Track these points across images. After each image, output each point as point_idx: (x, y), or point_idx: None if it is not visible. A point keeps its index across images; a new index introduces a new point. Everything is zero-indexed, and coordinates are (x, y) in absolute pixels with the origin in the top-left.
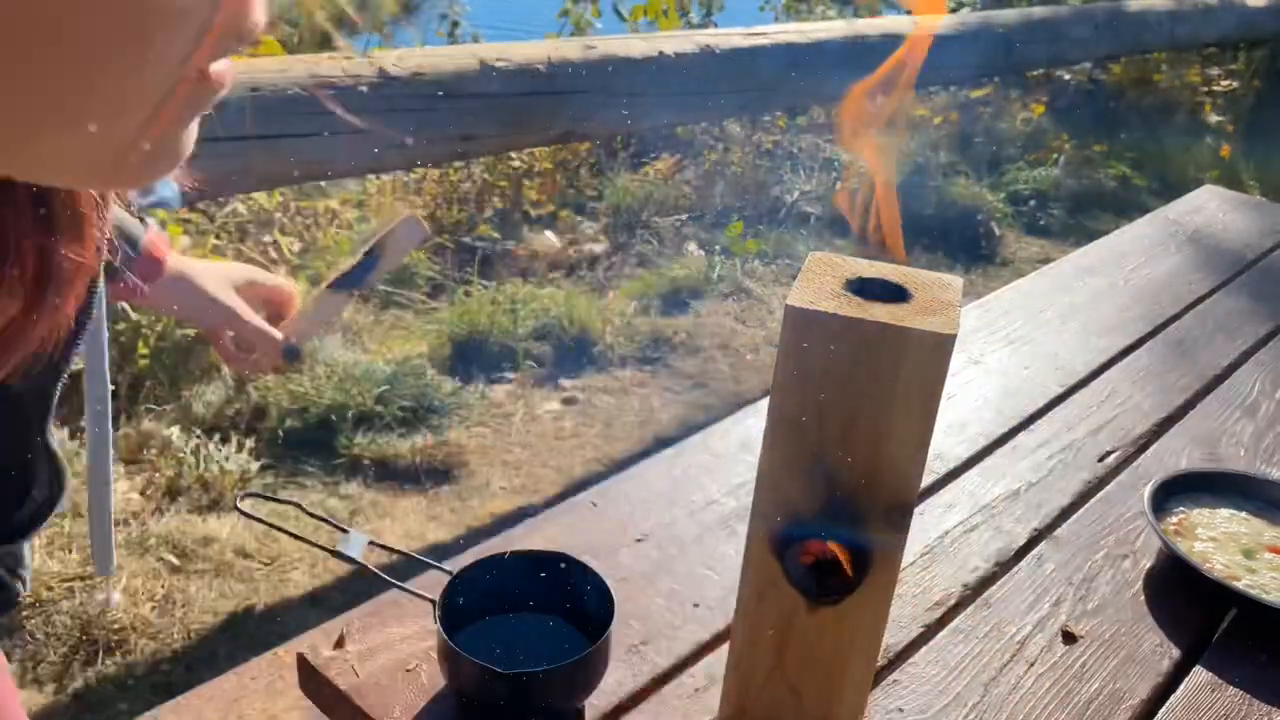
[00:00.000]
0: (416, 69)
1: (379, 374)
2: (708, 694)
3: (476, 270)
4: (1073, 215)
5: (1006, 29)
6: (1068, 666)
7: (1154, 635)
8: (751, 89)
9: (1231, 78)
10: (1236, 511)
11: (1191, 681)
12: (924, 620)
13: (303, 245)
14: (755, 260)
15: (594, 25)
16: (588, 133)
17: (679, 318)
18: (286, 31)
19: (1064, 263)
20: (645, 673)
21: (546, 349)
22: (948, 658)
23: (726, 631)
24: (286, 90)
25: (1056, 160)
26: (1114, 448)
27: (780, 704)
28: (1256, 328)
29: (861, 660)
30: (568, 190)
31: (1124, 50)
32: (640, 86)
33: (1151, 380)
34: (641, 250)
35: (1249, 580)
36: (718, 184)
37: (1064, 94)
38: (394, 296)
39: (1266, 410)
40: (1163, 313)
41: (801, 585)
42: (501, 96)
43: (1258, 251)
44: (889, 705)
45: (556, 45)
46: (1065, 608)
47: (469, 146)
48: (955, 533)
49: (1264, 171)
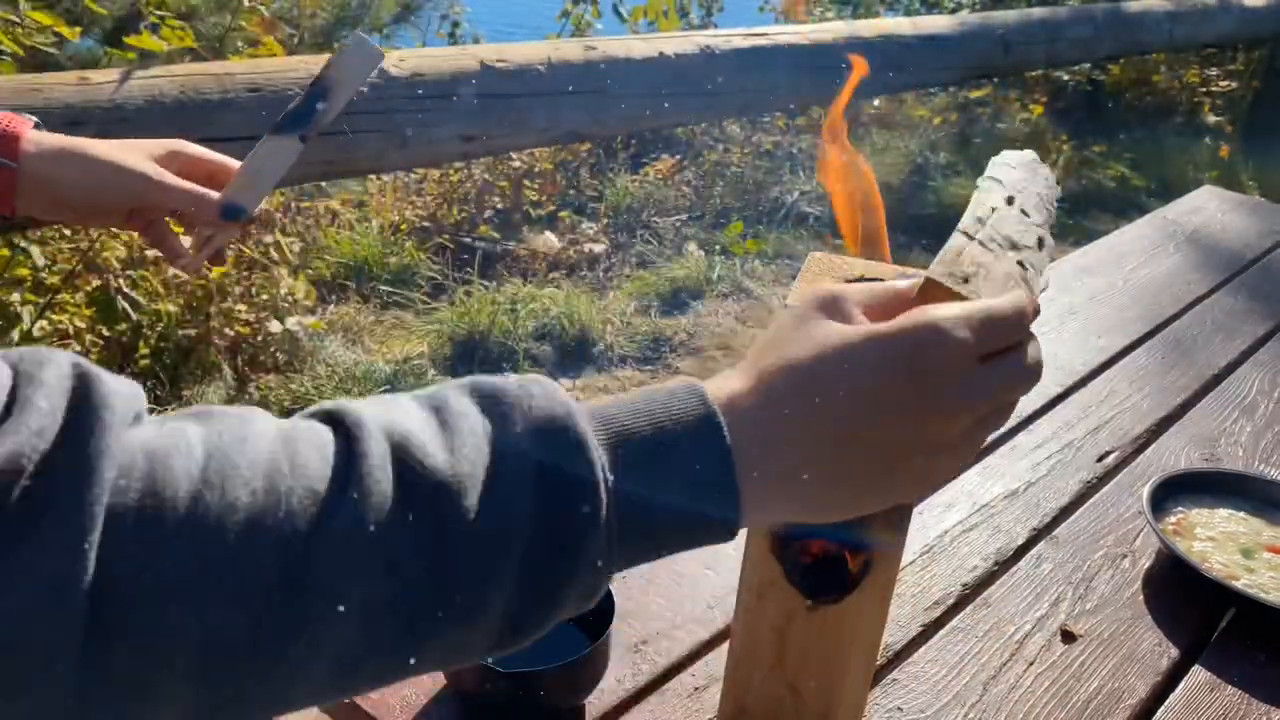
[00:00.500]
0: (417, 69)
1: (379, 374)
2: (707, 693)
3: (477, 270)
4: (1071, 215)
5: (1005, 29)
6: (1067, 666)
7: (1153, 635)
8: (751, 89)
9: (1230, 78)
10: (1235, 511)
11: (1190, 681)
12: (923, 620)
13: (303, 246)
14: (755, 260)
15: (594, 26)
16: (588, 133)
17: (679, 318)
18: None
19: (1063, 263)
20: (645, 672)
21: (547, 349)
22: (947, 657)
23: (726, 631)
24: (287, 90)
25: (1055, 161)
26: (1113, 447)
27: (780, 703)
28: (1255, 328)
29: (861, 660)
30: (568, 190)
31: (1123, 50)
32: (640, 87)
33: (1150, 380)
34: (641, 250)
35: (1247, 580)
36: (718, 184)
37: (1063, 94)
38: (394, 297)
39: (1265, 410)
40: (1161, 313)
41: (801, 585)
42: (502, 97)
43: (1256, 252)
44: (888, 704)
45: (556, 46)
46: (1064, 607)
47: (469, 147)
48: (954, 532)
49: (1263, 172)
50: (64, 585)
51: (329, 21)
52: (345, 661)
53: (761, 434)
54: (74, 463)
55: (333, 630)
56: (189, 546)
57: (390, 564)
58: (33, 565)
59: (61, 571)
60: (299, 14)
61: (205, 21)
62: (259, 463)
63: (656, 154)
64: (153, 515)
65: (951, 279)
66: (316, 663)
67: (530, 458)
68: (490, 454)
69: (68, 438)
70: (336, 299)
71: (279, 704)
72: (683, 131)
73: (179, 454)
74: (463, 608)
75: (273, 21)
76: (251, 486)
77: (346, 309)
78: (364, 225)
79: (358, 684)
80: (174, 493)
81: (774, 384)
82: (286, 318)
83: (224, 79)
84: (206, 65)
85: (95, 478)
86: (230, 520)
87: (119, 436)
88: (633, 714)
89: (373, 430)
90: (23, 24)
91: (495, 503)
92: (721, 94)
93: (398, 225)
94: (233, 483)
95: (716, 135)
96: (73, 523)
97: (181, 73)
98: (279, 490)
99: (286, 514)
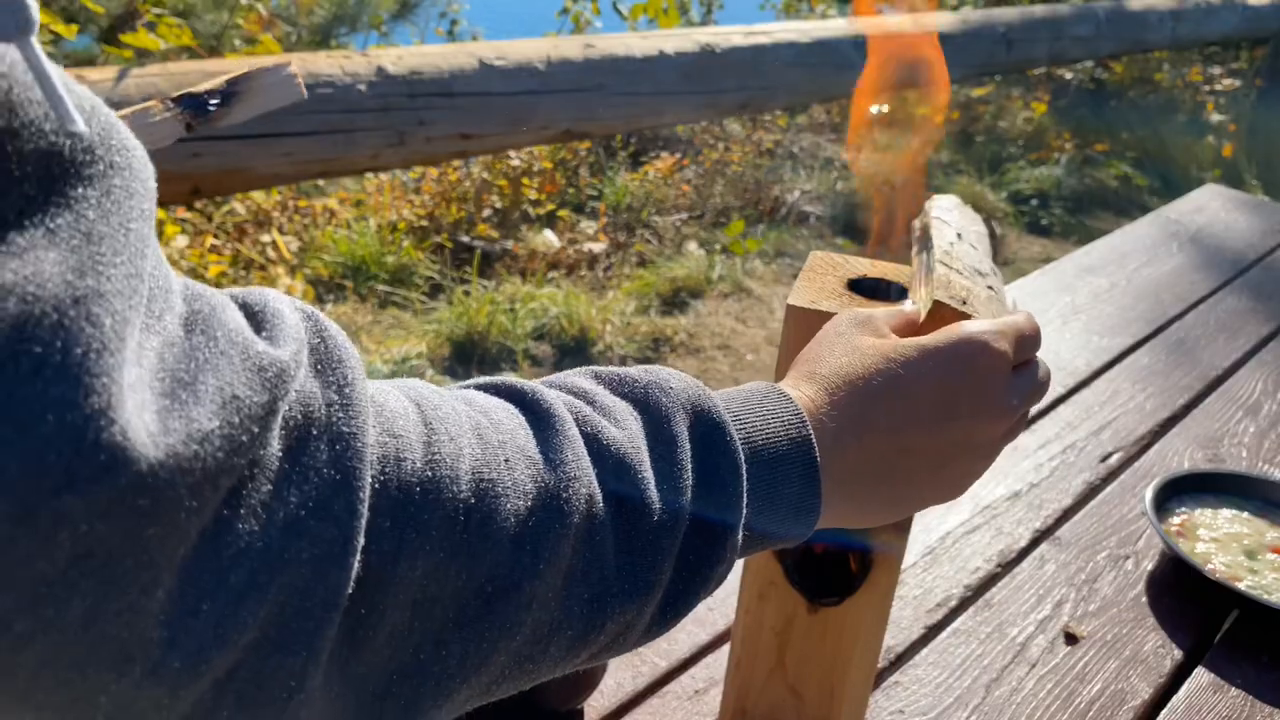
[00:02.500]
0: (415, 67)
1: (377, 374)
2: (708, 695)
3: (475, 270)
4: (1074, 214)
5: (1008, 27)
6: (1070, 668)
7: (1156, 636)
8: (752, 88)
9: (1234, 76)
10: (1238, 512)
11: (1194, 683)
12: (925, 621)
13: (301, 245)
14: (755, 260)
15: (593, 24)
16: (587, 132)
17: (679, 317)
18: (284, 30)
19: (1065, 262)
20: (645, 674)
21: (546, 349)
22: (949, 659)
23: (727, 632)
24: None
25: (1058, 159)
26: (1116, 448)
27: (780, 706)
28: (1259, 327)
29: (862, 662)
30: (567, 189)
31: (1126, 48)
32: (640, 85)
33: (1153, 380)
34: (641, 250)
35: (1251, 581)
36: (718, 183)
37: (1065, 92)
38: (392, 296)
39: (1269, 410)
40: (1164, 312)
41: (802, 585)
42: (500, 95)
43: (1260, 251)
44: (890, 707)
45: (556, 44)
46: (1067, 609)
47: (468, 145)
48: (957, 533)
49: (1266, 171)
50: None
51: (326, 19)
52: (539, 635)
53: (827, 439)
54: (334, 389)
55: (539, 595)
56: (434, 491)
57: (590, 530)
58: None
59: (344, 472)
60: (296, 11)
61: (202, 19)
62: (462, 421)
63: (656, 152)
64: (395, 458)
65: (954, 300)
66: (520, 630)
67: (683, 438)
68: (646, 434)
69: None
70: (334, 298)
71: (469, 676)
72: (683, 130)
73: (395, 403)
74: (643, 583)
75: (270, 19)
76: (468, 439)
77: (344, 308)
78: (362, 224)
79: (538, 666)
80: (410, 438)
81: (836, 393)
82: None
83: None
84: (203, 63)
85: (361, 414)
86: (463, 471)
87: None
88: (632, 717)
89: (553, 400)
90: None
91: (664, 480)
92: (721, 92)
93: (395, 224)
94: (452, 430)
95: (717, 133)
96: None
97: (178, 71)
98: (492, 444)
99: (508, 469)
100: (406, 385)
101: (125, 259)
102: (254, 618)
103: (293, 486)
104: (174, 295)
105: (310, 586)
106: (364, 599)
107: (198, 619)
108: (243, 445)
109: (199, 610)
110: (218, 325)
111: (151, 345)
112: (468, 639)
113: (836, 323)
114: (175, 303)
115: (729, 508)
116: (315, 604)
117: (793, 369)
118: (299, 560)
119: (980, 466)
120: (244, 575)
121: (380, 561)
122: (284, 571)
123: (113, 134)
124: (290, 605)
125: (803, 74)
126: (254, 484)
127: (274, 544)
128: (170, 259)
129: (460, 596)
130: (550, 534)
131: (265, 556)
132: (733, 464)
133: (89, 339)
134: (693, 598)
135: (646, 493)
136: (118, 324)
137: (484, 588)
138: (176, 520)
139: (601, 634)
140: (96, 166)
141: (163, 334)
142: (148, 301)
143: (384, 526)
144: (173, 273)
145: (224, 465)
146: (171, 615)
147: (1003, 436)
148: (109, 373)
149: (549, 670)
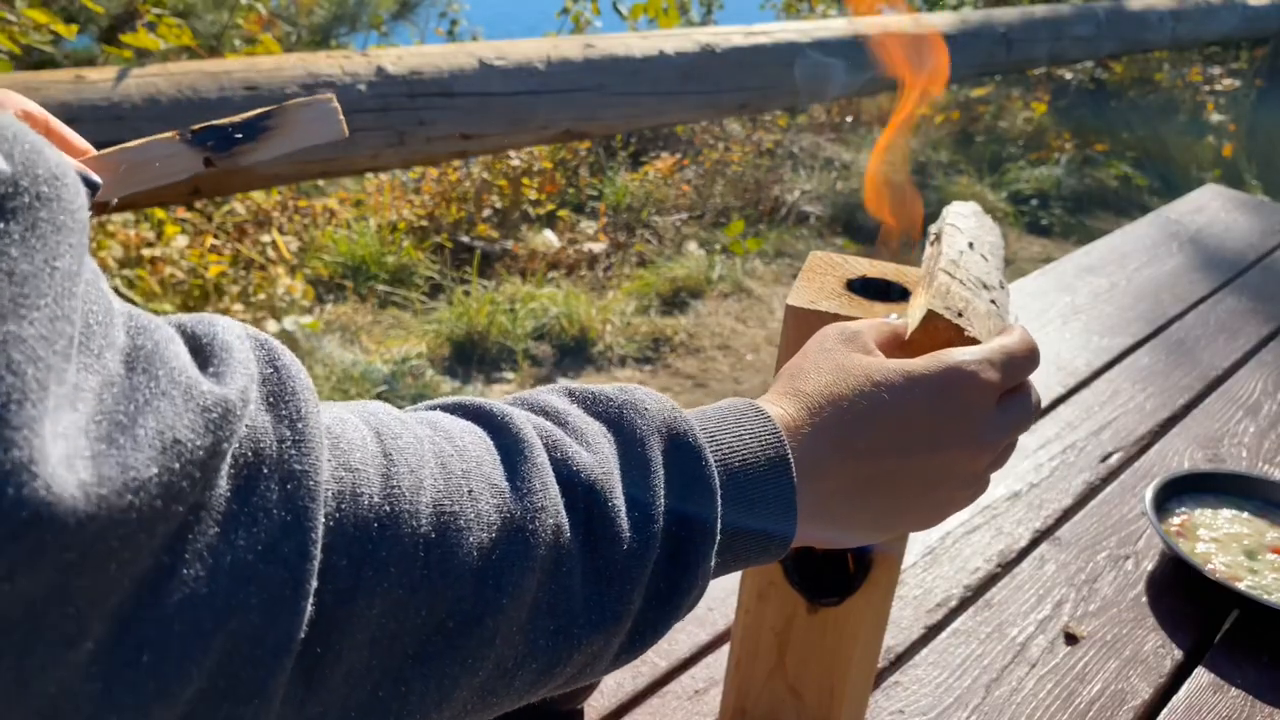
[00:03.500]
0: (415, 67)
1: (377, 374)
2: (708, 695)
3: (475, 270)
4: (1074, 214)
5: (1008, 27)
6: (1070, 668)
7: (1156, 636)
8: (752, 87)
9: (1234, 76)
10: (1239, 512)
11: (1194, 683)
12: (925, 622)
13: (301, 244)
14: (755, 260)
15: (593, 24)
16: (587, 132)
17: (679, 317)
18: (285, 30)
19: (1065, 262)
20: (645, 674)
21: (546, 349)
22: (949, 659)
23: (726, 632)
24: (284, 89)
25: (1058, 159)
26: (1116, 448)
27: (780, 706)
28: (1259, 328)
29: (862, 662)
30: (567, 189)
31: (1126, 48)
32: (640, 85)
33: (1153, 380)
34: (641, 250)
35: (1251, 581)
36: (718, 183)
37: (1065, 92)
38: (392, 296)
39: (1269, 410)
40: (1164, 313)
41: (801, 585)
42: (500, 95)
43: (1260, 251)
44: (890, 707)
45: (556, 43)
46: (1067, 609)
47: (468, 145)
48: (957, 533)
49: (1266, 171)
50: (294, 529)
51: (326, 19)
52: (503, 669)
53: (807, 460)
54: (287, 423)
55: (502, 629)
56: (392, 527)
57: (556, 561)
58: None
59: (295, 512)
60: (296, 11)
61: (202, 19)
62: (424, 450)
63: (656, 152)
64: (351, 493)
65: (949, 312)
66: (483, 665)
67: (656, 463)
68: (619, 458)
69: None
70: (334, 298)
71: (430, 713)
72: (683, 130)
73: (353, 433)
74: (611, 613)
75: (270, 19)
76: (429, 470)
77: (344, 308)
78: (362, 224)
79: (503, 699)
80: (367, 471)
81: (818, 413)
82: (284, 317)
83: (221, 77)
84: (203, 63)
85: (314, 450)
86: (423, 504)
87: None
88: (632, 717)
89: (522, 423)
90: (19, 22)
91: (635, 506)
92: (722, 92)
93: (395, 224)
94: (412, 461)
95: (717, 133)
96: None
97: (178, 71)
98: (455, 474)
99: (472, 500)
100: (367, 411)
101: (51, 299)
102: (199, 668)
103: (241, 529)
104: (115, 329)
105: (260, 633)
106: (319, 639)
107: (137, 670)
108: (183, 491)
109: (138, 661)
110: (160, 363)
111: (90, 385)
112: (429, 676)
113: (823, 337)
114: (117, 337)
115: (703, 535)
116: (265, 651)
117: (776, 383)
118: (247, 606)
119: (962, 495)
120: (188, 623)
121: (336, 600)
122: (231, 618)
123: (38, 163)
124: (239, 653)
125: (803, 74)
126: (199, 527)
127: (220, 590)
128: (170, 259)
129: (421, 633)
130: (515, 567)
131: (211, 603)
132: (707, 489)
133: (9, 388)
134: (663, 625)
135: (617, 521)
136: (40, 372)
137: (445, 623)
138: (107, 571)
139: (568, 665)
140: (20, 199)
141: (102, 373)
142: (84, 338)
143: (340, 565)
144: (115, 302)
145: (161, 513)
146: (106, 667)
147: (987, 467)
148: (29, 424)
149: (515, 702)
